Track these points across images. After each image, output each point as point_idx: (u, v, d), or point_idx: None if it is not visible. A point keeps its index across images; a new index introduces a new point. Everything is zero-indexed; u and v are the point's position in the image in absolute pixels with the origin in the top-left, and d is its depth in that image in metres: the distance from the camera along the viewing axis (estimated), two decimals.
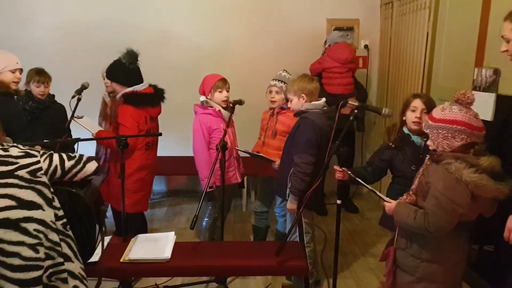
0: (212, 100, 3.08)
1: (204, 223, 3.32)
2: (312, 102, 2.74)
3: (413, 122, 2.35)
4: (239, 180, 3.27)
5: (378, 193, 2.16)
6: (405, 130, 2.42)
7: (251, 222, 4.18)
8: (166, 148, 4.04)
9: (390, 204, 2.02)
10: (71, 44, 4.72)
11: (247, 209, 4.60)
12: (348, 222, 4.26)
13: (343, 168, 2.33)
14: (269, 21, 4.82)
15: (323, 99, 2.79)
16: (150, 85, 3.17)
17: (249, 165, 3.47)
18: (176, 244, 2.49)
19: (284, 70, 3.23)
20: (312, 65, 4.43)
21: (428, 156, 2.00)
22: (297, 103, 2.77)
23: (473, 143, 1.82)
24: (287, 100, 3.10)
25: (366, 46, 4.90)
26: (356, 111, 2.36)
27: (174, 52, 4.79)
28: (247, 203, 4.64)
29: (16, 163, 1.73)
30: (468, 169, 1.74)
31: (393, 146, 2.44)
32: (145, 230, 3.35)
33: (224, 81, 3.09)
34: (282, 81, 3.14)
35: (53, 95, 3.43)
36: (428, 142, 1.94)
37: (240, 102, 2.99)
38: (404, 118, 2.42)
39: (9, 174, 1.70)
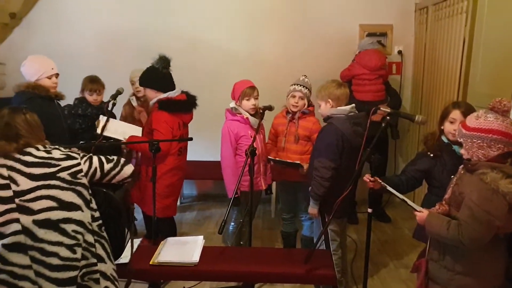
0: (240, 107, 3.10)
1: (230, 228, 3.32)
2: (338, 108, 2.72)
3: (451, 133, 2.28)
4: (264, 187, 3.25)
5: (409, 202, 2.10)
6: (445, 139, 2.35)
7: (279, 228, 4.16)
8: (196, 152, 4.09)
9: (422, 214, 1.96)
10: (106, 50, 4.88)
11: (276, 215, 4.58)
12: (380, 231, 4.17)
13: (374, 177, 2.28)
14: (301, 26, 4.81)
15: (351, 105, 2.76)
16: (182, 92, 3.22)
17: (278, 171, 3.46)
18: (205, 248, 2.51)
19: (305, 75, 3.21)
20: (342, 72, 4.39)
21: (462, 166, 1.93)
22: (324, 108, 2.77)
23: (510, 152, 1.75)
24: (309, 105, 3.10)
25: (399, 52, 4.81)
26: (388, 117, 2.31)
27: (205, 58, 4.86)
28: (276, 209, 4.62)
29: (58, 165, 1.79)
30: (505, 179, 1.67)
31: (431, 155, 2.36)
32: (174, 234, 3.40)
33: (252, 88, 3.09)
34: (305, 87, 3.13)
35: (108, 101, 3.54)
36: (462, 151, 1.87)
37: (270, 108, 2.98)
38: (442, 128, 2.35)
39: (52, 175, 1.76)
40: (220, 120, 3.22)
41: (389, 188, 2.19)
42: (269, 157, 3.17)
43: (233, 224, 3.30)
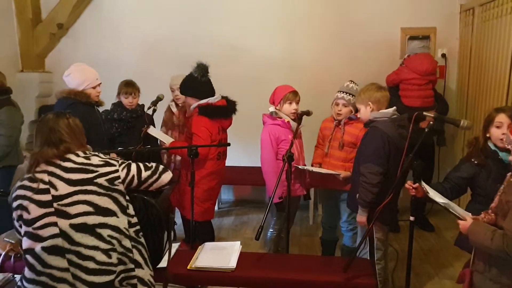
0: (280, 111, 3.07)
1: (269, 234, 3.30)
2: (380, 111, 2.64)
3: (500, 139, 2.15)
4: (304, 193, 3.21)
5: (452, 209, 2.00)
6: (491, 146, 2.23)
7: (318, 235, 4.09)
8: (234, 158, 4.10)
9: (465, 222, 1.86)
10: (147, 58, 5.01)
11: (314, 222, 4.51)
12: (423, 240, 4.01)
13: (417, 184, 2.19)
14: (340, 30, 4.75)
15: (393, 108, 2.68)
16: (222, 97, 3.24)
17: (314, 177, 3.40)
18: (242, 254, 2.49)
19: (351, 81, 3.13)
20: (389, 76, 4.27)
21: (510, 173, 1.82)
22: (365, 112, 2.70)
23: None
24: (356, 111, 3.02)
25: (443, 55, 4.64)
26: (431, 122, 2.21)
27: (244, 65, 4.88)
28: (314, 216, 4.56)
29: (96, 171, 1.82)
30: None
31: (475, 162, 2.25)
32: (212, 238, 3.41)
33: (295, 93, 3.07)
34: (349, 93, 3.05)
35: (143, 105, 3.64)
36: (510, 158, 1.77)
37: (308, 113, 2.95)
38: (488, 135, 2.23)
39: (89, 181, 1.79)
40: (258, 126, 3.21)
41: (430, 194, 2.10)
42: (295, 165, 3.10)
43: (271, 230, 3.27)
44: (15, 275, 2.20)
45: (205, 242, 2.72)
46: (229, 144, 3.17)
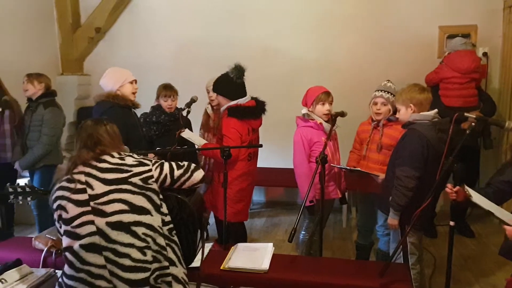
0: (313, 112, 3.04)
1: (301, 237, 3.26)
2: (421, 113, 2.56)
3: None
4: (339, 196, 3.16)
5: (497, 215, 1.91)
6: None
7: (351, 239, 4.03)
8: (265, 159, 4.09)
9: None
10: (181, 60, 5.09)
11: (348, 225, 4.43)
12: (462, 246, 3.87)
13: (458, 187, 2.10)
14: (375, 30, 4.67)
15: (434, 110, 2.59)
16: (252, 98, 3.25)
17: (350, 180, 3.34)
18: (274, 256, 2.47)
19: (388, 80, 3.06)
20: (428, 76, 4.14)
21: None
22: (405, 113, 2.61)
23: None
24: (394, 112, 2.95)
25: (485, 54, 4.46)
26: (473, 124, 2.13)
27: (277, 66, 4.88)
28: (348, 219, 4.48)
29: (131, 171, 1.87)
30: None
31: None
32: (244, 239, 3.41)
33: (327, 94, 3.03)
34: (388, 92, 2.97)
35: (181, 108, 3.69)
36: None
37: (342, 114, 2.90)
38: None
39: (124, 180, 1.84)
40: (291, 127, 3.19)
41: (473, 198, 2.01)
42: (331, 164, 3.06)
43: (303, 232, 3.24)
44: (56, 271, 2.26)
45: (237, 243, 2.72)
46: (261, 145, 3.16)
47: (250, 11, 4.92)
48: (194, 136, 3.41)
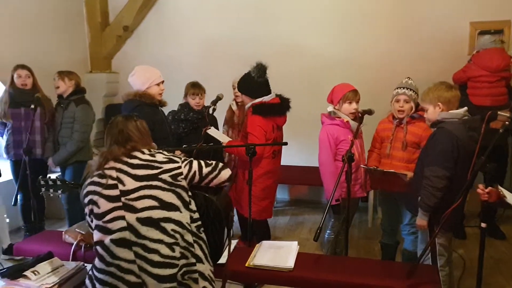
0: (339, 110, 3.01)
1: (326, 236, 3.25)
2: (451, 111, 2.50)
3: None
4: (365, 194, 3.13)
5: None
6: None
7: (376, 239, 3.97)
8: (289, 157, 4.08)
9: None
10: (207, 58, 5.13)
11: (373, 225, 4.38)
12: (492, 249, 3.76)
13: (490, 188, 2.04)
14: (403, 27, 4.59)
15: (464, 108, 2.52)
16: (276, 95, 3.24)
17: (375, 179, 3.28)
18: (299, 255, 2.46)
19: (409, 77, 3.01)
20: (456, 74, 4.05)
21: None
22: (432, 112, 2.56)
23: None
24: (417, 109, 2.89)
25: None
26: (507, 123, 2.06)
27: (303, 63, 4.85)
28: (373, 219, 4.42)
29: (161, 167, 1.89)
30: None
31: None
32: (268, 237, 3.41)
33: (354, 92, 3.00)
34: (410, 89, 2.92)
35: (208, 106, 3.72)
36: None
37: (370, 112, 2.86)
38: None
39: (154, 177, 1.86)
40: (316, 125, 3.17)
41: (508, 199, 1.95)
42: (362, 165, 3.02)
43: (329, 231, 3.22)
44: (85, 264, 2.32)
45: (261, 240, 2.72)
46: (286, 143, 3.15)
47: (275, 8, 4.91)
48: (219, 133, 3.44)
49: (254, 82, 3.15)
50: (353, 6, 4.70)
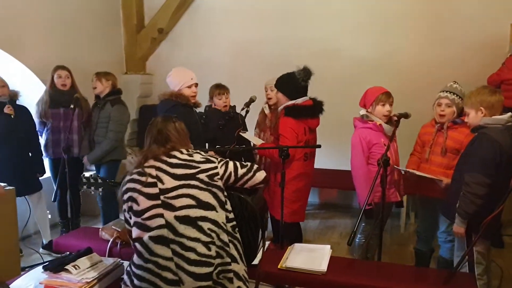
0: (372, 113, 2.97)
1: (357, 241, 3.21)
2: (494, 117, 2.42)
3: None
4: (399, 199, 3.07)
5: None
6: None
7: (409, 245, 3.90)
8: (320, 160, 4.05)
9: None
10: (240, 60, 5.17)
11: (406, 230, 4.29)
12: None
13: None
14: (439, 29, 4.49)
15: (508, 114, 2.44)
16: (310, 98, 3.23)
17: (411, 184, 3.23)
18: (332, 258, 2.44)
19: (455, 81, 2.94)
20: (490, 77, 3.96)
21: None
22: (474, 117, 2.49)
23: None
24: (460, 114, 2.82)
25: None
26: None
27: (335, 65, 4.82)
28: (406, 225, 4.34)
29: (198, 167, 1.93)
30: None
31: None
32: (300, 240, 3.40)
33: (388, 95, 2.95)
34: (454, 93, 2.85)
35: (234, 106, 3.76)
36: None
37: (406, 116, 2.81)
38: None
39: (192, 176, 1.90)
40: (349, 129, 3.14)
41: None
42: (395, 166, 2.97)
43: (360, 236, 3.18)
44: (122, 261, 2.37)
45: (292, 243, 2.72)
46: (319, 146, 3.14)
47: (308, 11, 4.90)
48: (251, 136, 3.45)
49: (297, 84, 3.14)
50: (387, 8, 4.63)
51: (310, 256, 2.46)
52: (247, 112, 3.39)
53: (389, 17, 4.63)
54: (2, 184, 3.10)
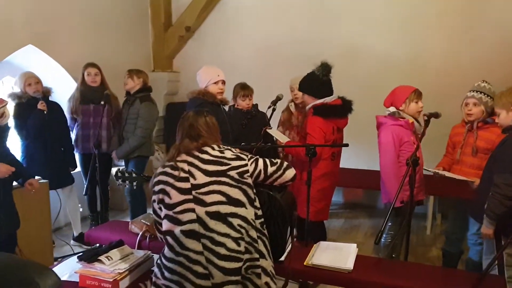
0: (404, 111, 2.95)
1: (382, 240, 3.19)
2: None
3: None
4: (424, 197, 3.05)
5: None
6: None
7: (435, 246, 3.86)
8: (345, 159, 4.03)
9: None
10: (266, 58, 5.18)
11: (432, 232, 4.24)
12: None
13: None
14: (471, 26, 4.41)
15: None
16: (338, 97, 3.22)
17: (435, 184, 3.20)
18: (358, 257, 2.44)
19: (484, 80, 2.89)
20: None
21: None
22: (505, 117, 2.46)
23: None
24: (491, 113, 2.78)
25: None
26: None
27: (363, 64, 4.79)
28: (432, 226, 4.29)
29: (229, 164, 1.96)
30: None
31: None
32: (324, 239, 3.40)
33: (419, 92, 2.96)
34: (481, 92, 2.81)
35: (257, 105, 3.79)
36: None
37: (437, 115, 2.78)
38: None
39: (223, 173, 1.93)
40: (375, 128, 3.11)
41: None
42: (433, 170, 2.94)
43: (385, 236, 3.16)
44: (152, 253, 2.43)
45: (317, 241, 2.73)
46: (347, 145, 3.13)
47: (336, 9, 4.87)
48: (278, 133, 3.47)
49: (318, 81, 3.14)
50: (416, 6, 4.57)
51: (336, 254, 2.47)
52: (273, 110, 3.40)
53: (418, 14, 4.56)
54: (37, 177, 3.21)
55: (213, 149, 2.00)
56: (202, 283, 1.81)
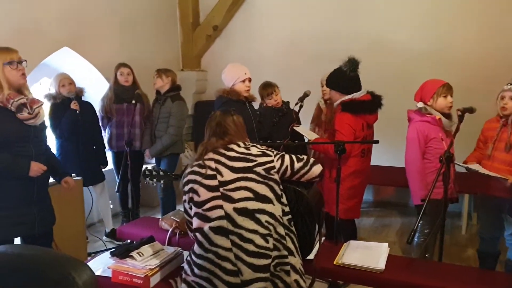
0: (432, 106, 2.86)
1: (415, 240, 3.11)
2: None
3: None
4: (456, 195, 2.95)
5: None
6: None
7: (470, 246, 3.74)
8: (376, 156, 3.96)
9: None
10: (292, 55, 5.16)
11: (467, 232, 4.10)
12: None
13: None
14: (500, 19, 4.23)
15: None
16: (367, 92, 3.16)
17: (469, 182, 3.08)
18: (389, 257, 2.39)
19: None
20: None
21: None
22: None
23: None
24: None
25: None
26: None
27: (390, 59, 4.70)
28: (467, 226, 4.15)
29: (255, 160, 1.96)
30: None
31: None
32: (354, 237, 3.34)
33: (448, 86, 2.85)
34: None
35: (288, 102, 3.76)
36: None
37: (471, 110, 2.68)
38: None
39: (249, 169, 1.94)
40: (405, 123, 3.04)
41: None
42: (467, 165, 2.84)
43: (418, 235, 3.08)
44: (182, 250, 2.46)
45: (347, 240, 2.68)
46: (377, 141, 3.06)
47: (361, 3, 4.80)
48: (306, 131, 3.43)
49: (345, 76, 3.09)
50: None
51: (367, 254, 2.43)
52: (301, 107, 3.37)
53: (445, 7, 4.43)
54: (72, 175, 3.30)
55: (239, 146, 2.01)
56: (231, 279, 1.81)
